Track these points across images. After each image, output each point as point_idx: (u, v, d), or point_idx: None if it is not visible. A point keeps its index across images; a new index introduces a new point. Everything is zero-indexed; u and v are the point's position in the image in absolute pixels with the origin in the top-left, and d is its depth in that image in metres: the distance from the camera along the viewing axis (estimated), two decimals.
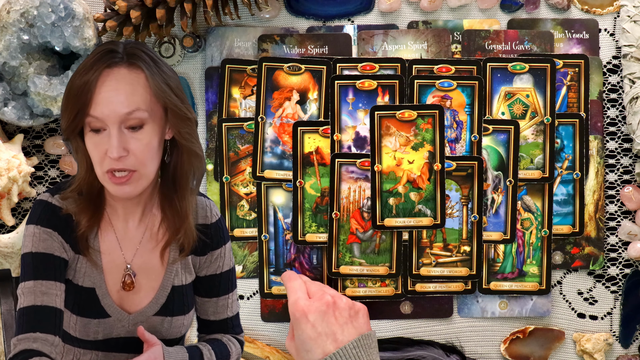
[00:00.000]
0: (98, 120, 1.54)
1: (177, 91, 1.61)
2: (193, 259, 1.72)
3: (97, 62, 1.55)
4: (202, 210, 1.73)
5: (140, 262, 1.68)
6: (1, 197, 2.09)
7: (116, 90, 1.54)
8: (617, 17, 2.20)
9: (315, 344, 1.06)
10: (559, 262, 2.22)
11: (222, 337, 1.79)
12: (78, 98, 1.54)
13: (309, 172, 2.18)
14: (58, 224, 1.62)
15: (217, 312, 1.78)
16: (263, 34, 2.18)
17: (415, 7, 2.20)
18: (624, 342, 2.24)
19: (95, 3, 2.13)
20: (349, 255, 2.19)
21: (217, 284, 1.76)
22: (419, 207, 2.18)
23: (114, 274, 1.67)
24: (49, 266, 1.60)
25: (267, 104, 2.17)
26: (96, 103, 1.53)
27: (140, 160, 1.56)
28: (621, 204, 2.24)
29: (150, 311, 1.69)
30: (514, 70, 2.18)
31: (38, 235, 1.61)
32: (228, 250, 1.76)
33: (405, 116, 2.16)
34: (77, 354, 1.70)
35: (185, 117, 1.61)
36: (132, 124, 1.55)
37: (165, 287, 1.69)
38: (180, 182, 1.66)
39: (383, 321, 2.22)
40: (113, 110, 1.53)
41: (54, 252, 1.61)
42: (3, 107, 2.05)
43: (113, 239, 1.67)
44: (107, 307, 1.66)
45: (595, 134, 2.22)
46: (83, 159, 1.60)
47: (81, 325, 1.66)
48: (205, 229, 1.71)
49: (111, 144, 1.53)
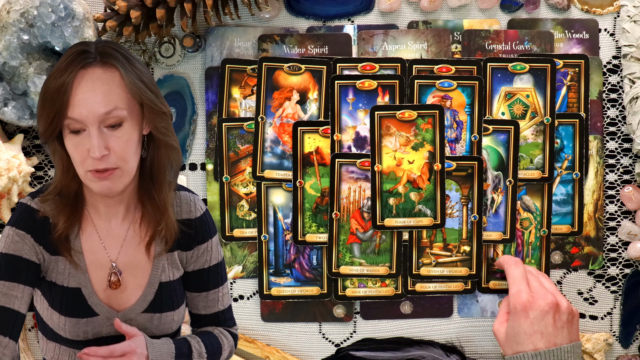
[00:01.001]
0: (77, 122, 1.55)
1: (152, 86, 1.64)
2: (179, 254, 1.74)
3: (71, 64, 1.57)
4: (186, 205, 1.74)
5: (125, 259, 1.69)
6: (1, 197, 2.08)
7: (93, 90, 1.56)
8: (617, 17, 2.21)
9: (528, 339, 1.06)
10: (559, 261, 2.22)
11: (214, 329, 1.80)
12: (55, 101, 1.55)
13: (309, 172, 2.18)
14: (33, 226, 1.64)
15: (208, 306, 1.79)
16: (263, 34, 2.17)
17: (415, 7, 2.20)
18: (624, 342, 2.24)
19: (95, 3, 2.13)
20: (349, 256, 2.19)
21: (205, 278, 1.77)
22: (419, 207, 2.18)
23: (99, 272, 1.68)
24: (15, 268, 1.62)
25: (267, 104, 2.17)
26: (73, 105, 1.55)
27: (122, 157, 1.58)
28: (621, 204, 2.24)
29: (139, 308, 1.70)
30: (514, 70, 2.18)
31: (11, 237, 1.64)
32: (215, 244, 1.78)
33: (406, 116, 2.16)
34: (72, 355, 1.71)
35: (161, 111, 1.64)
36: (111, 123, 1.57)
37: (153, 283, 1.70)
38: (158, 176, 1.68)
39: (383, 321, 2.22)
40: (91, 111, 1.55)
41: (22, 254, 1.62)
42: (3, 107, 2.05)
43: (95, 238, 1.68)
44: (94, 305, 1.67)
45: (595, 134, 2.22)
46: (60, 161, 1.63)
47: (70, 326, 1.67)
48: (189, 223, 1.73)
49: (92, 144, 1.55)
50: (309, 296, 2.20)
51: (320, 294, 2.20)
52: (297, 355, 2.21)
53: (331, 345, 2.23)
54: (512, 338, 1.10)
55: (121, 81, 1.58)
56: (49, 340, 1.73)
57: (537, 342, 1.09)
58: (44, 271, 1.66)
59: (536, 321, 1.10)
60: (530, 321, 1.10)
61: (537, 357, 1.09)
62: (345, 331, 2.23)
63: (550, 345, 1.09)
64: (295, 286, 2.20)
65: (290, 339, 2.21)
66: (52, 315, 1.67)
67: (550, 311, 1.11)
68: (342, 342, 2.23)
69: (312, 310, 2.21)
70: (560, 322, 1.11)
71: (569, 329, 1.12)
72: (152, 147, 1.67)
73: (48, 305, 1.68)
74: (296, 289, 2.20)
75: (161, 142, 1.65)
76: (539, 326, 1.10)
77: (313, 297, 2.20)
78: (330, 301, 2.21)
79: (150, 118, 1.62)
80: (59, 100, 1.55)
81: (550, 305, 1.11)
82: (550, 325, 1.10)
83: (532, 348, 1.08)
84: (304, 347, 2.22)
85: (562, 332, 1.11)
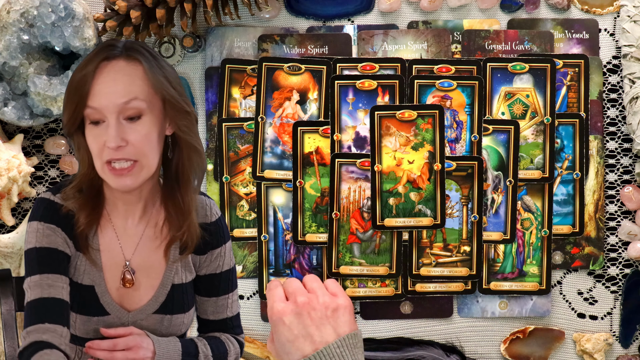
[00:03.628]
0: (96, 111, 1.56)
1: (176, 85, 1.63)
2: (193, 258, 1.73)
3: (96, 56, 1.58)
4: (202, 209, 1.73)
5: (139, 259, 1.69)
6: (1, 197, 2.09)
7: (114, 80, 1.56)
8: (617, 17, 2.20)
9: (293, 346, 1.05)
10: (559, 262, 2.22)
11: (221, 335, 1.80)
12: (77, 90, 1.56)
13: (309, 172, 2.18)
14: (60, 220, 1.63)
15: (217, 312, 1.78)
16: (263, 34, 2.18)
17: (415, 7, 2.20)
18: (624, 342, 2.24)
19: (95, 3, 2.13)
20: (349, 256, 2.19)
21: (216, 284, 1.76)
22: (419, 207, 2.18)
23: (114, 271, 1.68)
24: (53, 260, 1.61)
25: (267, 104, 2.17)
26: (94, 94, 1.55)
27: (140, 150, 1.58)
28: (621, 204, 2.24)
29: (150, 309, 1.69)
30: (514, 70, 2.18)
31: (42, 231, 1.62)
32: (228, 250, 1.77)
33: (405, 116, 2.16)
34: (79, 352, 1.70)
35: (184, 110, 1.63)
36: (130, 114, 1.57)
37: (165, 285, 1.70)
38: (182, 178, 1.67)
39: (383, 321, 2.22)
40: (111, 101, 1.55)
41: (57, 246, 1.62)
42: (3, 107, 2.05)
43: (113, 236, 1.68)
44: (106, 304, 1.66)
45: (595, 134, 2.22)
46: (85, 155, 1.62)
47: (81, 323, 1.66)
48: (204, 227, 1.72)
49: (109, 134, 1.55)
50: None
51: None
52: None
53: None
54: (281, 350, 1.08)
55: (144, 75, 1.59)
56: None
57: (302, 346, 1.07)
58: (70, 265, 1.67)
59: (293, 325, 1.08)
60: (287, 327, 1.08)
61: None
62: None
63: (317, 345, 1.07)
64: None
65: None
66: None
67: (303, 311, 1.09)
68: None
69: None
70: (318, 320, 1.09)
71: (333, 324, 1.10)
72: (177, 149, 1.67)
73: None
74: None
75: (183, 143, 1.65)
76: (298, 329, 1.08)
77: None
78: None
79: (173, 115, 1.62)
80: (80, 90, 1.56)
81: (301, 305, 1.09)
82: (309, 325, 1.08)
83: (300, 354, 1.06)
84: None
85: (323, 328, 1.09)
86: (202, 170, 1.70)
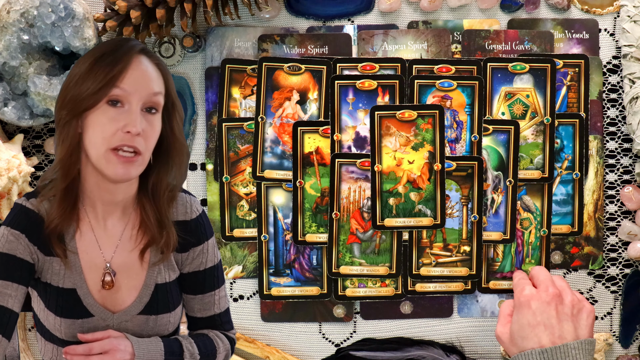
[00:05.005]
0: (125, 93, 1.59)
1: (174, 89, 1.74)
2: (175, 256, 1.74)
3: (130, 48, 1.64)
4: (182, 207, 1.74)
5: (119, 261, 1.69)
6: (1, 197, 2.08)
7: (146, 71, 1.63)
8: (617, 17, 2.21)
9: (532, 332, 1.05)
10: (559, 261, 2.23)
11: (209, 332, 1.80)
12: (109, 67, 1.59)
13: (309, 172, 2.18)
14: (28, 226, 1.65)
15: (204, 309, 1.79)
16: (263, 34, 2.17)
17: (415, 7, 2.20)
18: (624, 342, 2.24)
19: (95, 3, 2.13)
20: (349, 256, 2.19)
21: (201, 281, 1.77)
22: (419, 207, 2.18)
23: (94, 273, 1.68)
24: (9, 267, 1.63)
25: (267, 104, 2.17)
26: (126, 77, 1.60)
27: (148, 144, 1.63)
28: (621, 204, 2.24)
29: (134, 310, 1.69)
30: (514, 70, 2.18)
31: (6, 237, 1.65)
32: (211, 247, 1.77)
33: (405, 116, 2.16)
34: None
35: (180, 112, 1.71)
36: (151, 105, 1.63)
37: (149, 285, 1.70)
38: (161, 186, 1.69)
39: (383, 321, 2.22)
40: (143, 86, 1.61)
41: (16, 254, 1.63)
42: (3, 107, 2.05)
43: (91, 238, 1.68)
44: (89, 306, 1.67)
45: (595, 134, 2.22)
46: (69, 141, 1.62)
47: (66, 327, 1.66)
48: (185, 225, 1.73)
49: (133, 119, 1.59)
50: (309, 296, 2.20)
51: (320, 294, 2.20)
52: (297, 355, 2.21)
53: (331, 345, 2.23)
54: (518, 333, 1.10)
55: (162, 77, 1.67)
56: (46, 342, 1.73)
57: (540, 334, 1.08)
58: (38, 272, 1.66)
59: (538, 312, 1.10)
60: (532, 312, 1.10)
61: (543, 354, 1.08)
62: (345, 331, 2.23)
63: (555, 338, 1.08)
64: (295, 286, 2.20)
65: (290, 339, 2.21)
66: (48, 316, 1.67)
67: (553, 302, 1.11)
68: (342, 342, 2.23)
69: (312, 310, 2.21)
70: (563, 315, 1.10)
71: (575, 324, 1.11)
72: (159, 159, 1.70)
73: (44, 307, 1.68)
74: (296, 289, 2.20)
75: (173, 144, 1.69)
76: (542, 317, 1.10)
77: (313, 297, 2.20)
78: (330, 301, 2.21)
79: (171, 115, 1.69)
80: (114, 69, 1.60)
81: (552, 296, 1.11)
82: (553, 317, 1.10)
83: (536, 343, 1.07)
84: (304, 347, 2.22)
85: (565, 324, 1.10)
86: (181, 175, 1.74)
